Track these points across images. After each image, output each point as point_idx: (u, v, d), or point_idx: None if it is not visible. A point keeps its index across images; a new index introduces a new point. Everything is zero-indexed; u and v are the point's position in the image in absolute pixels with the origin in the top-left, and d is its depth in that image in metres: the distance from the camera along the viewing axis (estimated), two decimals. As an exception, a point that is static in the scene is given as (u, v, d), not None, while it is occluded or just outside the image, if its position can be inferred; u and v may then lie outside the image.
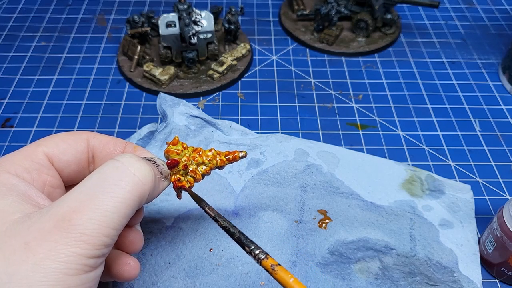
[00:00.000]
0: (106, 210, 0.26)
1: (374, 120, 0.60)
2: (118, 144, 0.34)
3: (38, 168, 0.31)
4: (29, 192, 0.29)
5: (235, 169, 0.48)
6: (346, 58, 0.70)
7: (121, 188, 0.27)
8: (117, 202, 0.26)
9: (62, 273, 0.24)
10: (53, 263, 0.24)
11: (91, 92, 0.63)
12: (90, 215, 0.25)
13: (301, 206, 0.45)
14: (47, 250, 0.24)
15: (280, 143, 0.50)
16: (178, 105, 0.50)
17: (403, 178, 0.48)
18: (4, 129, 0.57)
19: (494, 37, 0.75)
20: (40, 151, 0.31)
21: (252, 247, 0.29)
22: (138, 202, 0.28)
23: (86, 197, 0.26)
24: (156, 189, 0.31)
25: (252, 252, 0.29)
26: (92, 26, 0.75)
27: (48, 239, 0.25)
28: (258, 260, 0.28)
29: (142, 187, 0.28)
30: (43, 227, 0.25)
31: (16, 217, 0.26)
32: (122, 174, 0.28)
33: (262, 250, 0.28)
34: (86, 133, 0.34)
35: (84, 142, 0.33)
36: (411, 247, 0.42)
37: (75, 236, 0.25)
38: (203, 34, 0.63)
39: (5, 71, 0.66)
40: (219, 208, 0.45)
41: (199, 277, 0.40)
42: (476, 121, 0.61)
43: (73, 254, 0.25)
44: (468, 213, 0.46)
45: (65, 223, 0.25)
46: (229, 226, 0.31)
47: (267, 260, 0.28)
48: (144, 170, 0.29)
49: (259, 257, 0.28)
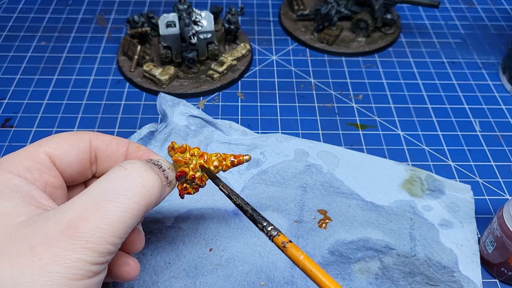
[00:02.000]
0: (112, 219, 0.26)
1: (374, 120, 0.60)
2: (121, 144, 0.34)
3: (39, 168, 0.30)
4: (32, 192, 0.28)
5: (235, 169, 0.48)
6: (346, 58, 0.70)
7: (128, 199, 0.27)
8: (123, 212, 0.27)
9: (67, 278, 0.24)
10: (58, 267, 0.24)
11: (91, 92, 0.63)
12: (97, 224, 0.26)
13: (301, 206, 0.45)
14: (53, 255, 0.24)
15: (280, 143, 0.50)
16: (178, 105, 0.50)
17: (403, 178, 0.48)
18: (4, 129, 0.57)
19: (494, 37, 0.75)
20: (42, 151, 0.31)
21: (264, 223, 0.29)
22: (143, 212, 0.28)
23: (93, 205, 0.26)
24: (162, 196, 0.31)
25: (264, 229, 0.29)
26: (92, 26, 0.75)
27: (54, 244, 0.25)
28: (270, 237, 0.28)
29: (149, 198, 0.28)
30: (49, 232, 0.25)
31: (20, 220, 0.26)
32: (130, 185, 0.28)
33: (274, 227, 0.29)
34: (89, 133, 0.34)
35: (87, 142, 0.33)
36: (411, 247, 0.42)
37: (81, 243, 0.25)
38: (203, 34, 0.63)
39: (5, 71, 0.66)
40: (219, 208, 0.45)
41: (199, 277, 0.40)
42: (476, 121, 0.61)
43: (78, 260, 0.25)
44: (468, 213, 0.46)
45: (71, 230, 0.25)
46: (242, 203, 0.31)
47: (279, 237, 0.28)
48: (152, 181, 0.29)
49: (271, 234, 0.28)
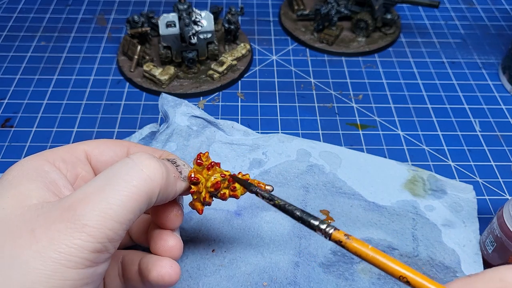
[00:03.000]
0: (111, 202, 0.26)
1: (374, 120, 0.60)
2: (156, 152, 0.35)
3: (74, 161, 0.32)
4: (58, 181, 0.29)
5: (237, 170, 0.48)
6: (346, 58, 0.70)
7: (127, 182, 0.27)
8: (122, 196, 0.27)
9: (61, 264, 0.24)
10: (53, 252, 0.24)
11: (91, 92, 0.63)
12: (94, 207, 0.26)
13: (304, 207, 0.45)
14: (50, 239, 0.24)
15: (282, 143, 0.50)
16: (180, 106, 0.50)
17: (405, 178, 0.48)
18: (4, 129, 0.57)
19: (494, 37, 0.76)
20: (81, 148, 0.33)
21: (316, 223, 0.28)
22: (146, 198, 0.28)
23: (93, 190, 0.27)
24: (171, 188, 0.31)
25: (318, 228, 0.28)
26: (92, 26, 0.75)
27: (52, 228, 0.25)
28: (328, 235, 0.27)
29: (150, 183, 0.28)
30: (50, 216, 0.25)
31: (33, 202, 0.27)
32: (130, 170, 0.28)
33: (328, 224, 0.28)
34: (129, 142, 0.35)
35: (124, 149, 0.34)
36: (413, 247, 0.42)
37: (77, 226, 0.25)
38: (203, 34, 0.63)
39: (5, 71, 0.66)
40: (221, 209, 0.45)
41: (202, 278, 0.40)
42: (476, 121, 0.61)
43: (74, 245, 0.24)
44: (470, 213, 0.46)
45: (70, 213, 0.25)
46: (288, 205, 0.30)
47: (338, 233, 0.27)
48: (153, 167, 0.29)
49: (328, 231, 0.27)
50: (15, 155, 0.54)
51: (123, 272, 0.34)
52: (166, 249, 0.33)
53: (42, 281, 0.24)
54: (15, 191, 0.27)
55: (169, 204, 0.33)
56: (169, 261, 0.32)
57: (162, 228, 0.34)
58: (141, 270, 0.32)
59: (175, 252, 0.33)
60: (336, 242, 0.27)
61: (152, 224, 0.34)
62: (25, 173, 0.29)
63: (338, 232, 0.27)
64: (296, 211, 0.29)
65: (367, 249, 0.25)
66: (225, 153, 0.49)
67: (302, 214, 0.28)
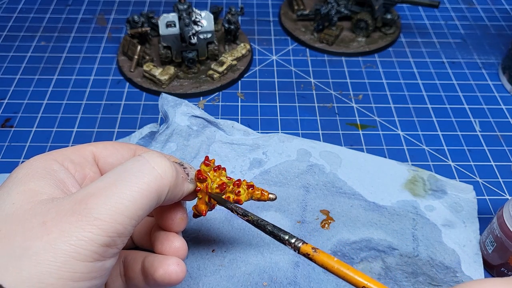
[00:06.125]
0: (122, 197, 0.26)
1: (374, 120, 0.60)
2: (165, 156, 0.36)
3: (82, 162, 0.32)
4: (66, 180, 0.30)
5: (237, 169, 0.48)
6: (346, 58, 0.70)
7: (139, 179, 0.28)
8: (133, 191, 0.27)
9: (71, 257, 0.24)
10: (64, 244, 0.24)
11: (91, 92, 0.63)
12: (106, 201, 0.26)
13: (304, 207, 0.45)
14: (61, 231, 0.25)
15: (283, 143, 0.50)
16: (180, 106, 0.50)
17: (405, 178, 0.48)
18: (4, 129, 0.57)
19: (494, 37, 0.76)
20: (89, 149, 0.33)
21: (286, 237, 0.30)
22: (156, 196, 0.28)
23: (105, 184, 0.27)
24: (179, 188, 0.31)
25: (288, 242, 0.29)
26: (92, 26, 0.75)
27: (64, 220, 0.25)
28: (296, 249, 0.29)
29: (161, 181, 0.29)
30: (62, 209, 0.26)
31: (42, 198, 0.27)
32: (141, 167, 0.28)
33: (297, 238, 0.29)
34: (136, 145, 0.36)
35: (131, 152, 0.35)
36: (413, 247, 0.42)
37: (88, 219, 0.25)
38: (203, 34, 0.63)
39: (5, 71, 0.66)
40: (221, 209, 0.44)
41: (202, 277, 0.40)
42: (476, 121, 0.61)
43: (85, 238, 0.25)
44: (470, 213, 0.46)
45: (81, 206, 0.26)
46: (259, 221, 0.32)
47: (306, 246, 0.29)
48: (164, 166, 0.29)
49: (297, 245, 0.29)
50: (15, 155, 0.54)
51: (125, 271, 0.34)
52: (172, 250, 0.33)
53: (52, 272, 0.24)
54: (24, 187, 0.28)
55: (175, 207, 0.34)
56: (176, 259, 0.32)
57: (167, 231, 0.34)
58: (146, 268, 0.32)
59: (181, 253, 0.33)
60: (304, 255, 0.29)
61: (155, 227, 0.35)
62: (34, 171, 0.29)
63: (306, 246, 0.29)
64: (267, 226, 0.31)
65: (332, 261, 0.27)
66: (225, 153, 0.49)
67: (273, 229, 0.31)
